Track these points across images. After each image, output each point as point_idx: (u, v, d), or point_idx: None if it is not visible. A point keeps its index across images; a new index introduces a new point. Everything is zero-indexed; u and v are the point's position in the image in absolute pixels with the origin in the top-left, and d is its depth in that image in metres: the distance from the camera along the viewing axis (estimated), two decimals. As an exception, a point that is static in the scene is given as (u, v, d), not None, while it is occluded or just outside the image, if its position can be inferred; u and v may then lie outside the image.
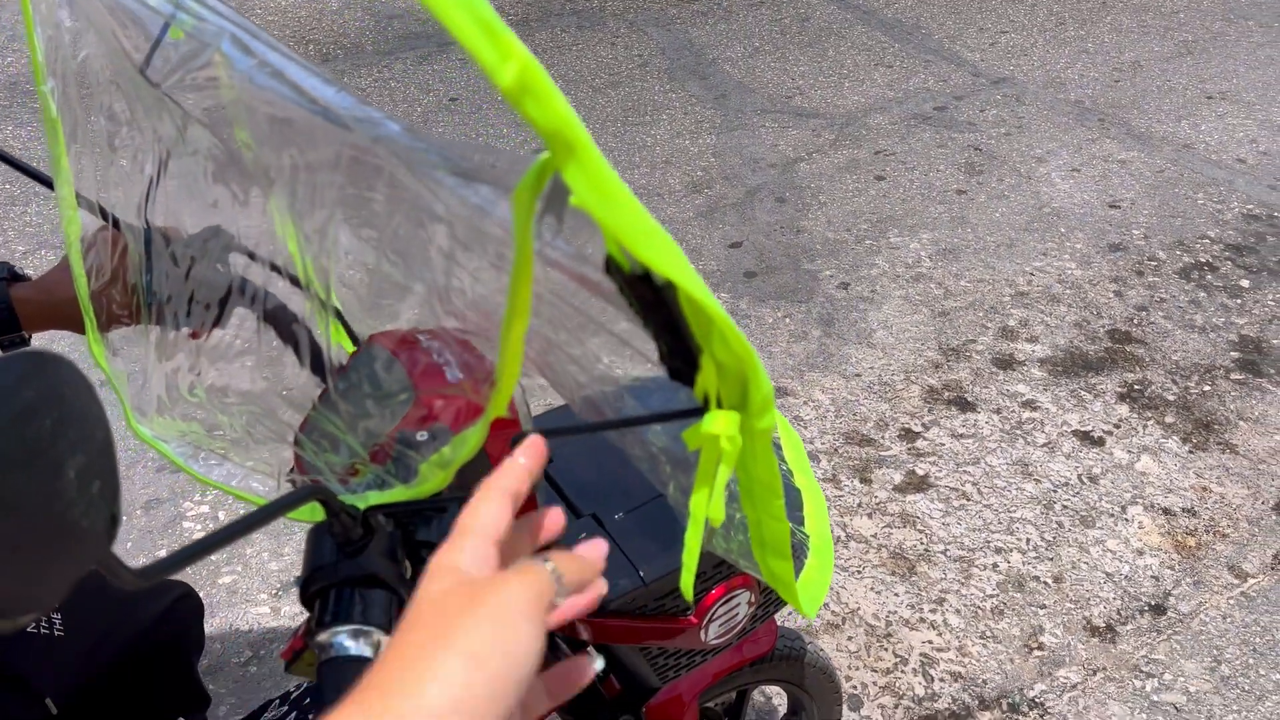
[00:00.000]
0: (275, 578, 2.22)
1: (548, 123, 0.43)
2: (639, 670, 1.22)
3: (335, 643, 0.65)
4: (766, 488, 0.63)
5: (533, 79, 0.42)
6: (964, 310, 3.14)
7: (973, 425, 2.70)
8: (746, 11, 5.28)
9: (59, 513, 0.44)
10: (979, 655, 2.10)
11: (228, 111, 0.82)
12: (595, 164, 0.45)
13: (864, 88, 4.53)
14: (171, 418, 0.94)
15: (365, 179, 0.69)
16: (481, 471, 0.88)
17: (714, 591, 1.13)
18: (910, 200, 3.71)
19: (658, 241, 0.48)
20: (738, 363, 0.53)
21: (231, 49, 0.75)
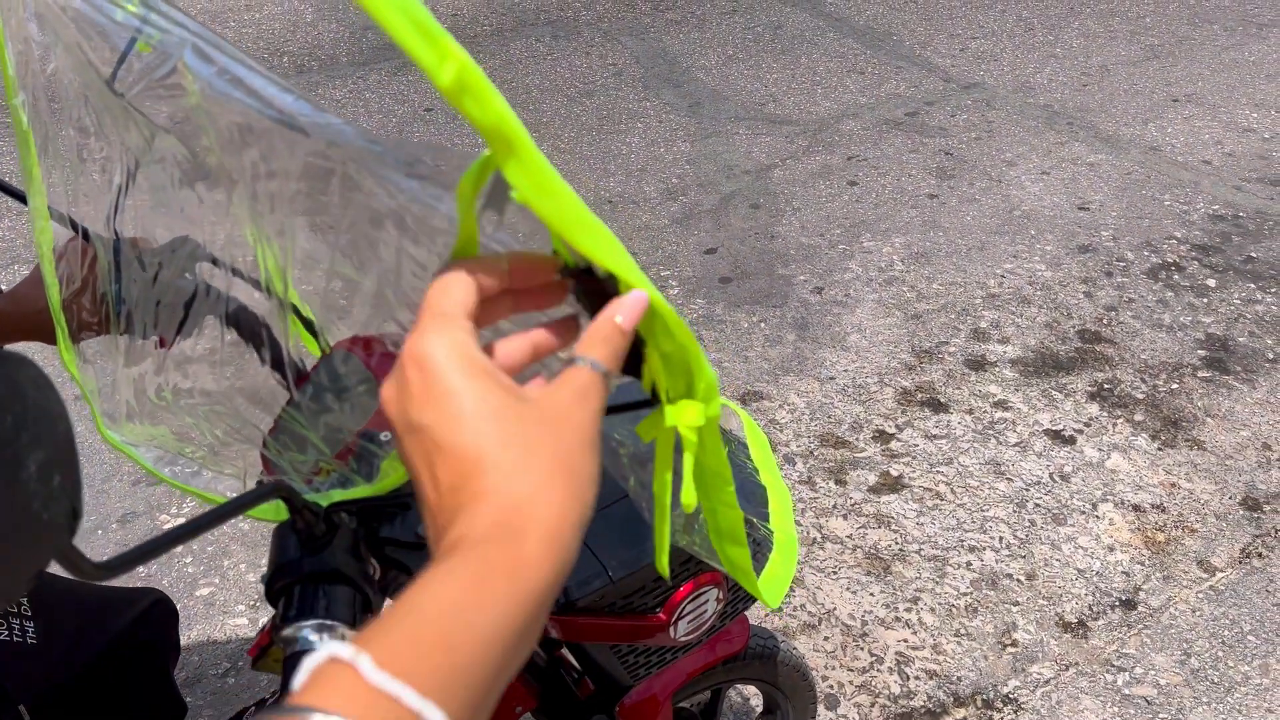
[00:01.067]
0: (253, 589, 2.22)
1: (487, 121, 0.45)
2: (611, 669, 1.23)
3: (300, 637, 0.67)
4: (717, 475, 0.64)
5: (471, 79, 0.44)
6: (936, 313, 3.18)
7: (945, 426, 2.73)
8: (720, 20, 5.31)
9: (20, 506, 0.45)
10: (954, 653, 2.13)
11: (192, 118, 0.83)
12: (534, 160, 0.46)
13: (836, 94, 4.58)
14: (140, 423, 0.95)
15: (320, 181, 0.71)
16: None
17: (682, 589, 1.14)
18: (883, 205, 3.75)
19: (597, 235, 0.49)
20: (682, 352, 0.55)
21: (193, 58, 0.76)
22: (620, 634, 1.13)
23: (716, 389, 0.57)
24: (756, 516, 1.06)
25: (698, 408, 0.58)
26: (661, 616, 1.14)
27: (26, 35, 0.95)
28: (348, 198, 0.68)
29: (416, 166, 0.62)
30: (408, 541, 0.80)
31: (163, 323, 0.98)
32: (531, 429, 0.46)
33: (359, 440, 0.85)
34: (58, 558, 0.49)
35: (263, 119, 0.70)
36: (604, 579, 1.06)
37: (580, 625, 1.08)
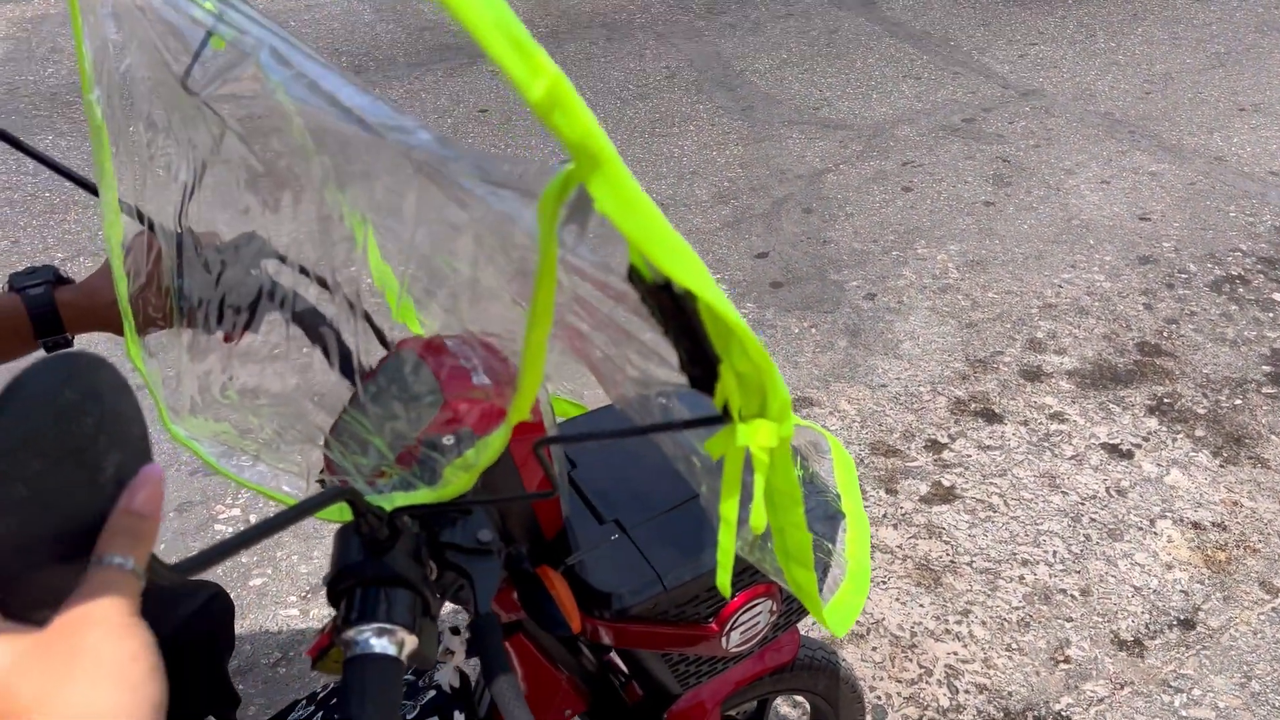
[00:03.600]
0: (304, 580, 2.25)
1: (574, 135, 0.44)
2: (661, 676, 1.22)
3: (360, 640, 0.67)
4: (786, 496, 0.64)
5: (561, 94, 0.43)
6: (991, 322, 3.13)
7: (1000, 437, 2.69)
8: (774, 24, 5.29)
9: (99, 508, 0.46)
10: (1004, 667, 2.09)
11: (264, 121, 0.84)
12: (619, 175, 0.46)
13: (892, 99, 4.53)
14: (204, 418, 0.96)
15: (397, 188, 0.71)
16: (505, 476, 0.90)
17: (736, 599, 1.13)
18: (938, 212, 3.70)
19: (678, 252, 0.49)
20: (757, 372, 0.54)
21: (269, 60, 0.77)
22: (672, 642, 1.12)
23: (790, 409, 0.57)
24: (830, 541, 1.05)
25: (771, 427, 0.57)
26: (714, 627, 1.13)
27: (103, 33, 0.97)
28: (423, 203, 0.68)
29: (493, 176, 0.62)
30: (468, 547, 0.80)
31: (227, 319, 0.99)
32: (54, 649, 0.45)
33: (421, 446, 0.85)
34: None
35: (338, 122, 0.71)
36: (658, 587, 1.05)
37: (633, 633, 1.07)
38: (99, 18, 0.95)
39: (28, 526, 0.44)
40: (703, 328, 0.55)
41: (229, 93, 0.84)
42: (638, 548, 1.08)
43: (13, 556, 0.44)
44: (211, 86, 0.86)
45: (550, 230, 0.52)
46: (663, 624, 1.09)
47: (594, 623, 1.05)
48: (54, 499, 0.45)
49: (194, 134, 0.92)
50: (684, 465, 0.76)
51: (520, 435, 0.86)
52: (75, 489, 0.46)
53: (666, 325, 0.57)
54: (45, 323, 1.00)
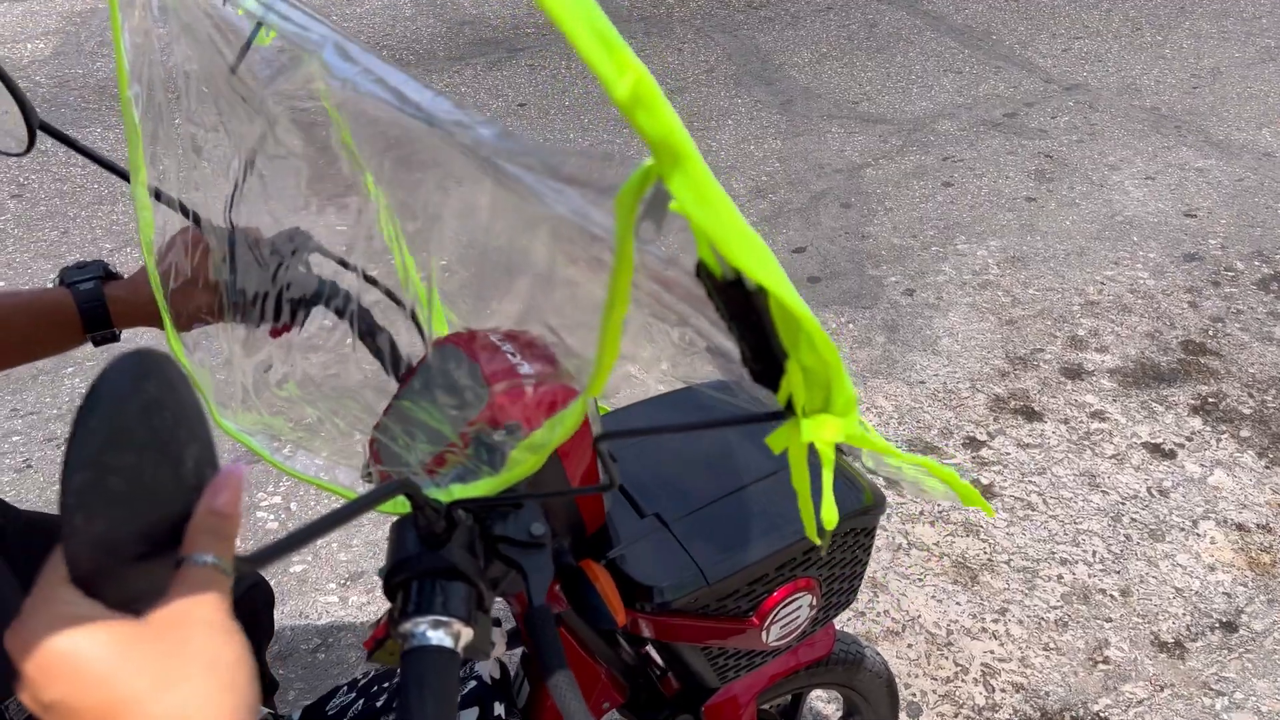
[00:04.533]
0: (344, 568, 2.28)
1: (657, 132, 0.45)
2: (699, 669, 1.23)
3: (417, 632, 0.67)
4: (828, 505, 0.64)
5: (645, 91, 0.44)
6: (1032, 319, 3.10)
7: (1039, 435, 2.67)
8: (813, 18, 5.26)
9: (180, 501, 0.47)
10: (1042, 667, 2.07)
11: (329, 116, 0.85)
12: (699, 173, 0.47)
13: (932, 94, 4.50)
14: (256, 412, 0.97)
15: (458, 179, 0.72)
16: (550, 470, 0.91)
17: (776, 593, 1.13)
18: (978, 207, 3.67)
19: (754, 248, 0.49)
20: (824, 368, 0.54)
21: (334, 57, 0.78)
22: (712, 635, 1.13)
23: (855, 405, 0.57)
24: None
25: (836, 423, 0.57)
26: (754, 620, 1.13)
27: (147, 28, 0.98)
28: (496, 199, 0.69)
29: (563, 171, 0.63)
30: (521, 540, 0.80)
31: (276, 313, 1.00)
32: (158, 646, 0.46)
33: (480, 429, 0.86)
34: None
35: (405, 117, 0.71)
36: (700, 581, 1.05)
37: (674, 626, 1.08)
38: (142, 13, 0.97)
39: (124, 518, 0.45)
40: (772, 323, 0.56)
41: (284, 89, 0.86)
42: (679, 541, 1.08)
43: (111, 548, 0.45)
44: (272, 83, 0.87)
45: (628, 224, 0.52)
46: (703, 617, 1.09)
47: (635, 616, 1.05)
48: (146, 491, 0.46)
49: (245, 128, 0.94)
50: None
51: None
52: (163, 481, 0.47)
53: (732, 321, 0.58)
54: (94, 317, 1.01)
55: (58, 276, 1.01)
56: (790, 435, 0.58)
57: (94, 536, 0.44)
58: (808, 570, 1.12)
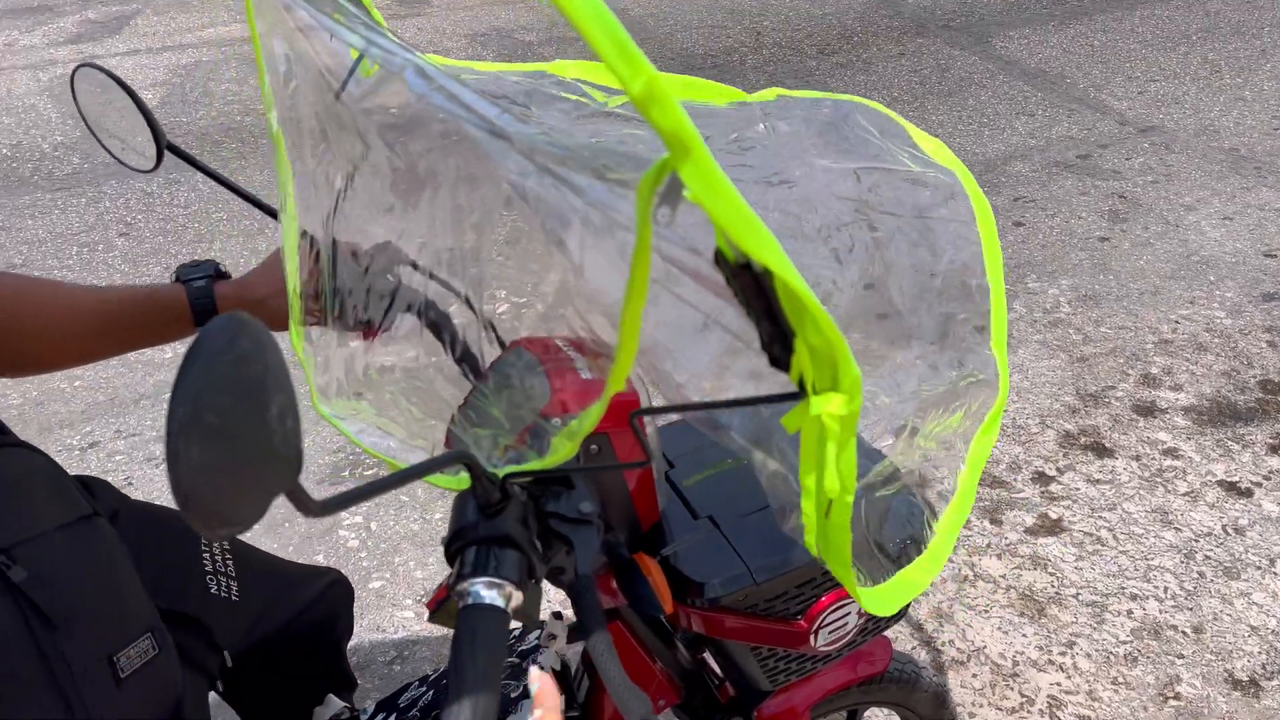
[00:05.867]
0: (420, 585, 2.37)
1: (668, 126, 0.52)
2: (751, 672, 1.27)
3: (473, 591, 0.75)
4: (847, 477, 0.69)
5: (657, 89, 0.51)
6: (1104, 357, 3.09)
7: (1110, 471, 2.65)
8: (886, 63, 5.33)
9: (265, 441, 0.55)
10: (1110, 701, 2.06)
11: (407, 127, 0.95)
12: (706, 163, 0.53)
13: (1004, 135, 4.51)
14: (348, 399, 1.07)
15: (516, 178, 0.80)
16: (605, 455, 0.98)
17: (824, 599, 1.17)
18: (1050, 246, 3.67)
19: (757, 232, 0.55)
20: (829, 347, 0.60)
21: (413, 76, 0.88)
22: (760, 636, 1.17)
23: (860, 385, 0.62)
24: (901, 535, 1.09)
25: (841, 399, 0.63)
26: (803, 624, 1.17)
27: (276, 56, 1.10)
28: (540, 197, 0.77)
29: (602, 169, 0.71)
30: (571, 516, 0.88)
31: (369, 316, 1.10)
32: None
33: (538, 420, 0.94)
34: (287, 491, 0.58)
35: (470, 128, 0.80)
36: (748, 580, 1.10)
37: (723, 623, 1.13)
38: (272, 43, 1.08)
39: (217, 450, 0.53)
40: (778, 304, 0.62)
41: (378, 104, 0.96)
42: (730, 542, 1.14)
43: (205, 475, 0.53)
44: (366, 100, 0.98)
45: (645, 212, 0.59)
46: (753, 616, 1.13)
47: (687, 611, 1.10)
48: (236, 430, 0.54)
49: (348, 146, 1.04)
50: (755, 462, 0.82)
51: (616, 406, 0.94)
52: (251, 423, 0.55)
53: (748, 305, 0.64)
54: (204, 312, 1.11)
55: (175, 273, 1.12)
56: (802, 414, 0.63)
57: (191, 463, 0.52)
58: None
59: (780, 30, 5.80)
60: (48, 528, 0.85)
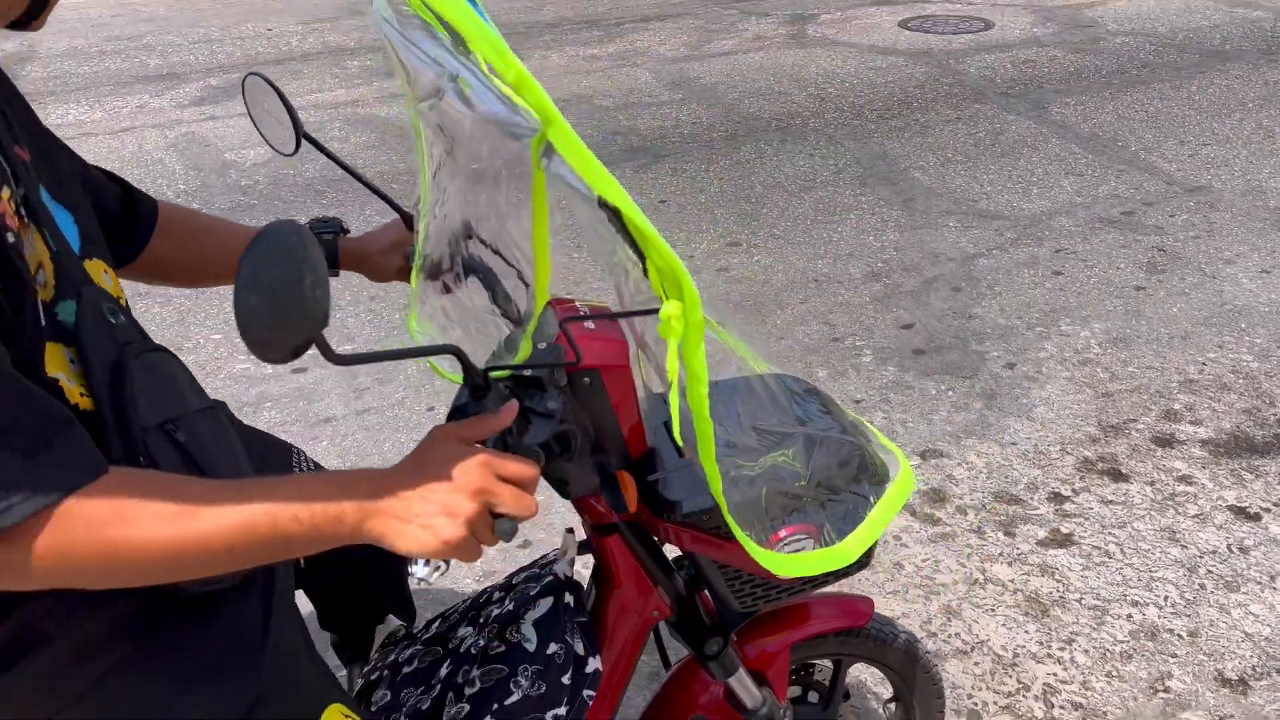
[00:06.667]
0: (471, 588, 2.65)
1: (535, 103, 0.79)
2: (721, 591, 1.48)
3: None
4: (697, 378, 0.95)
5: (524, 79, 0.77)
6: (1128, 393, 3.25)
7: (1123, 494, 2.81)
8: (942, 127, 5.59)
9: (300, 301, 0.82)
10: (1102, 691, 2.22)
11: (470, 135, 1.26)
12: (565, 130, 0.79)
13: (1051, 194, 4.72)
14: (426, 322, 1.38)
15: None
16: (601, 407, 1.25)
17: (780, 531, 1.37)
18: (1086, 293, 3.85)
19: (603, 179, 0.82)
20: (670, 268, 0.87)
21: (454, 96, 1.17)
22: (724, 554, 1.38)
23: (699, 304, 0.88)
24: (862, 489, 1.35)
25: (680, 306, 0.89)
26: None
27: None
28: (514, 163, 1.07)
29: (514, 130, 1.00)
30: (539, 411, 1.16)
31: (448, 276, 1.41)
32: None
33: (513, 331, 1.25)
34: (315, 339, 0.83)
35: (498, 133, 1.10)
36: (711, 502, 1.34)
37: (693, 538, 1.36)
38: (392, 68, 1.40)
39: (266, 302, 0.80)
40: (628, 234, 0.89)
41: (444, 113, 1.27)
42: (703, 475, 1.39)
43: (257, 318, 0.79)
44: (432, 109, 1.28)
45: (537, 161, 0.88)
46: (716, 536, 1.37)
47: (665, 526, 1.35)
48: (281, 291, 0.80)
49: (435, 143, 1.35)
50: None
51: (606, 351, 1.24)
52: (292, 287, 0.80)
53: (621, 236, 0.92)
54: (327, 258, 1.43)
55: (307, 225, 1.43)
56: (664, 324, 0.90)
57: (249, 306, 0.79)
58: (809, 518, 1.39)
59: (843, 96, 6.12)
60: (193, 409, 1.15)
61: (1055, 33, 7.22)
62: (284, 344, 0.80)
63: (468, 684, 1.45)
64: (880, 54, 6.92)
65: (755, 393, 1.50)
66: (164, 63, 7.26)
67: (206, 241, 1.45)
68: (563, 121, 0.80)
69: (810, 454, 1.40)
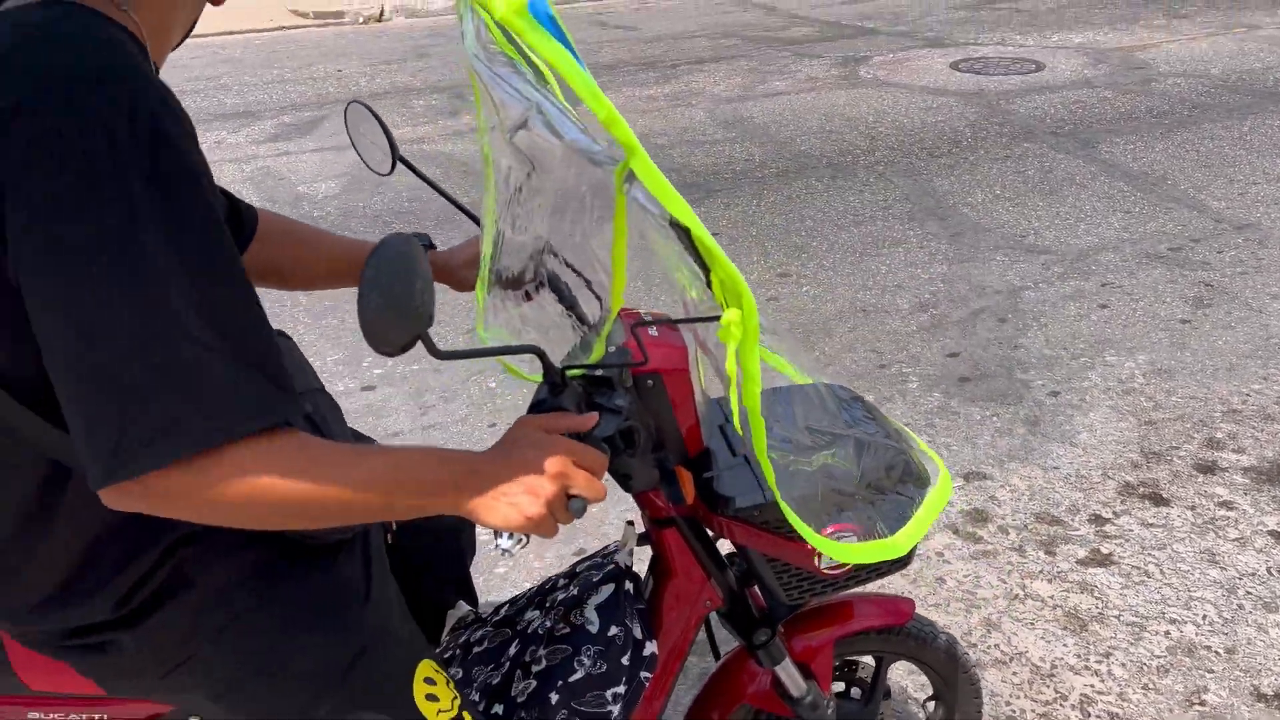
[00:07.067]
0: (538, 574, 2.78)
1: (621, 138, 0.93)
2: (770, 583, 1.59)
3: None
4: (751, 379, 1.08)
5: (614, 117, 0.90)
6: (1172, 421, 3.31)
7: (1164, 517, 2.87)
8: (991, 165, 5.70)
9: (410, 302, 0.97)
10: (1138, 702, 2.28)
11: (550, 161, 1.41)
12: (646, 160, 0.92)
13: (1099, 230, 4.79)
14: (497, 328, 1.53)
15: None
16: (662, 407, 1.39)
17: (827, 528, 1.45)
18: (1132, 326, 3.92)
19: (676, 202, 0.94)
20: (731, 280, 1.01)
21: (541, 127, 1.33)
22: (775, 548, 1.48)
23: (755, 312, 1.02)
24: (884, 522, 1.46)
25: (738, 313, 1.03)
26: (808, 545, 1.44)
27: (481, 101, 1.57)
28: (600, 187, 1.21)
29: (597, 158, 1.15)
30: (608, 407, 1.30)
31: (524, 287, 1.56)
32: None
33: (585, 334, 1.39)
34: (421, 337, 0.98)
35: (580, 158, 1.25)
36: (762, 498, 1.42)
37: (745, 531, 1.47)
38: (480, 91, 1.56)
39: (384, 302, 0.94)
40: (695, 249, 1.03)
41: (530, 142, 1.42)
42: (754, 473, 1.51)
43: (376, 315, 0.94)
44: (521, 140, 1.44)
45: (619, 186, 1.02)
46: (766, 531, 1.48)
47: (719, 520, 1.47)
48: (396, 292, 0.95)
49: (517, 169, 1.50)
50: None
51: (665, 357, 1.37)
52: (404, 290, 0.95)
53: (690, 252, 1.06)
54: None
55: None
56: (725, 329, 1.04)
57: (369, 305, 0.94)
58: (858, 515, 1.50)
59: (893, 135, 6.25)
60: (314, 387, 1.32)
61: (1106, 74, 7.30)
62: (396, 339, 0.95)
63: (534, 662, 1.58)
64: (931, 94, 7.06)
65: (809, 397, 1.62)
66: (240, 101, 7.64)
67: (301, 249, 1.61)
68: (644, 153, 0.94)
69: (860, 456, 1.51)
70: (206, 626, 1.14)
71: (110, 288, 0.83)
